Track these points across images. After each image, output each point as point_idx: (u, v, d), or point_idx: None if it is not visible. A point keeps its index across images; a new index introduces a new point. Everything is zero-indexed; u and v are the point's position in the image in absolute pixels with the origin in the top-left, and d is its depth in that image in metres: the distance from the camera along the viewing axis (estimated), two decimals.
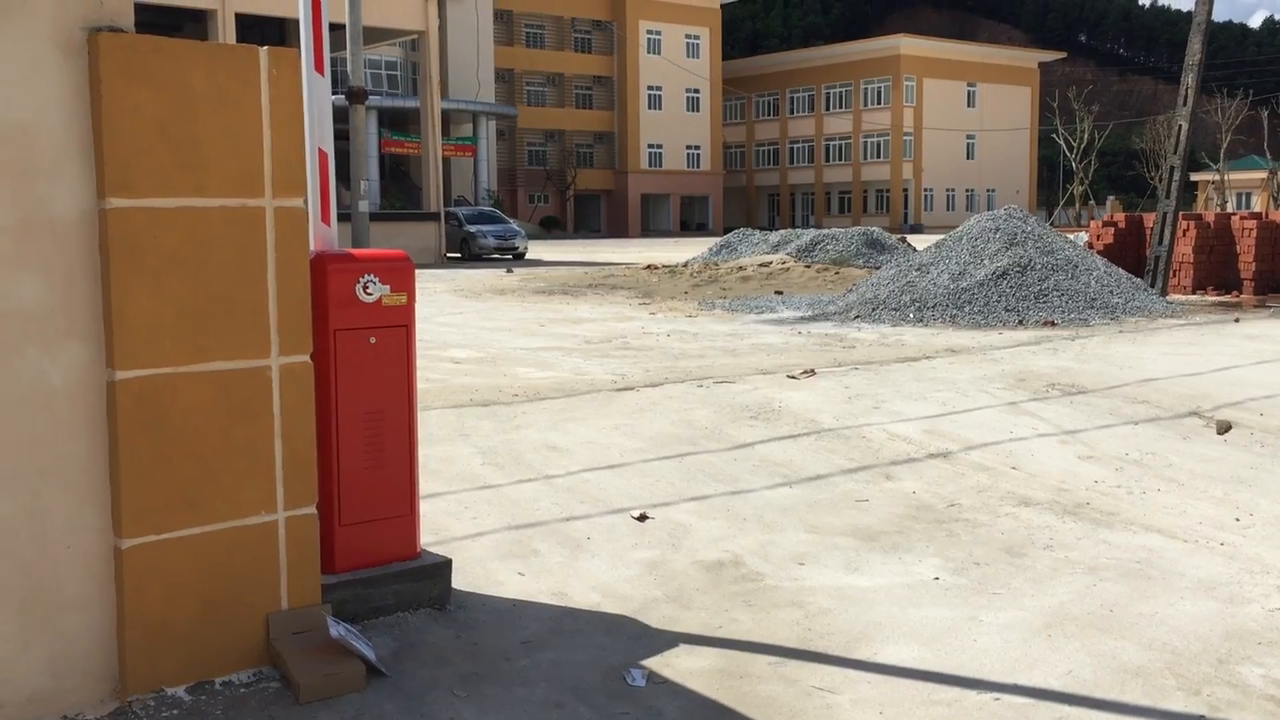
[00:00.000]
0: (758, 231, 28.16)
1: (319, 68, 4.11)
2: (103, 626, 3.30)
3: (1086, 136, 68.73)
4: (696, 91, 79.19)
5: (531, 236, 46.17)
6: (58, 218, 3.17)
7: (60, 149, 3.17)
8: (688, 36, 78.63)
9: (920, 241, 28.96)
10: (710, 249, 27.51)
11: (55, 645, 3.22)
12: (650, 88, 77.39)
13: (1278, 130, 63.35)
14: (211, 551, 3.43)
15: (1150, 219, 17.70)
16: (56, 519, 3.21)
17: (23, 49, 3.10)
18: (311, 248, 3.97)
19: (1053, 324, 12.99)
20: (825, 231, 26.06)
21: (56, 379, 3.19)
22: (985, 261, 14.66)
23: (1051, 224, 35.69)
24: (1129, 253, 18.20)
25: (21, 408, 3.14)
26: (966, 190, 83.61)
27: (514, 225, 38.97)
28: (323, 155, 4.19)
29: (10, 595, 3.15)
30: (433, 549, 4.36)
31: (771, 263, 23.01)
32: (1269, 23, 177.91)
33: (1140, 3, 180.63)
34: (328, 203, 4.21)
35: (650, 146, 77.83)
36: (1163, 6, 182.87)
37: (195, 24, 31.85)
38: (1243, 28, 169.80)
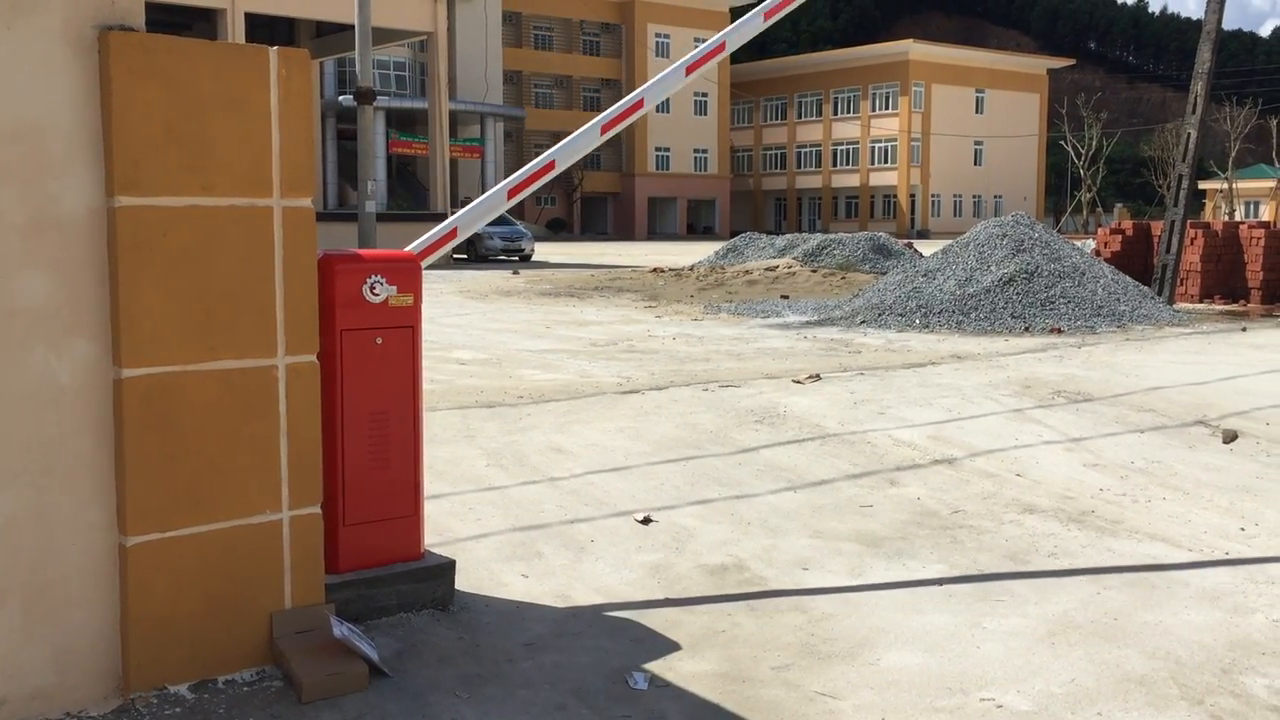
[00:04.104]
0: (764, 235, 28.19)
1: (604, 130, 5.20)
2: (106, 624, 3.30)
3: (1095, 143, 68.60)
4: (704, 95, 79.20)
5: (538, 238, 46.17)
6: (66, 216, 3.18)
7: (69, 147, 3.18)
8: (696, 40, 78.46)
9: (927, 247, 28.94)
10: (717, 252, 27.53)
11: (59, 642, 3.23)
12: None
13: None
14: (216, 550, 3.43)
15: (1158, 227, 17.66)
16: (62, 516, 3.21)
17: (34, 47, 3.11)
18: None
19: (1059, 331, 12.97)
20: (832, 236, 26.08)
21: (64, 377, 3.20)
22: (992, 268, 14.65)
23: (1059, 231, 35.63)
24: (1136, 260, 18.16)
25: (29, 405, 3.14)
26: (974, 196, 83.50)
27: (520, 227, 38.98)
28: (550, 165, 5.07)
29: (14, 591, 3.15)
30: (437, 550, 4.36)
31: (778, 267, 23.00)
32: (1278, 31, 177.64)
33: (1150, 10, 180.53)
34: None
35: (658, 149, 77.85)
36: (1172, 14, 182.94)
37: (205, 23, 31.90)
38: (1253, 36, 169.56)
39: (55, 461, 3.20)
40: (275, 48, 3.49)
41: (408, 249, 4.44)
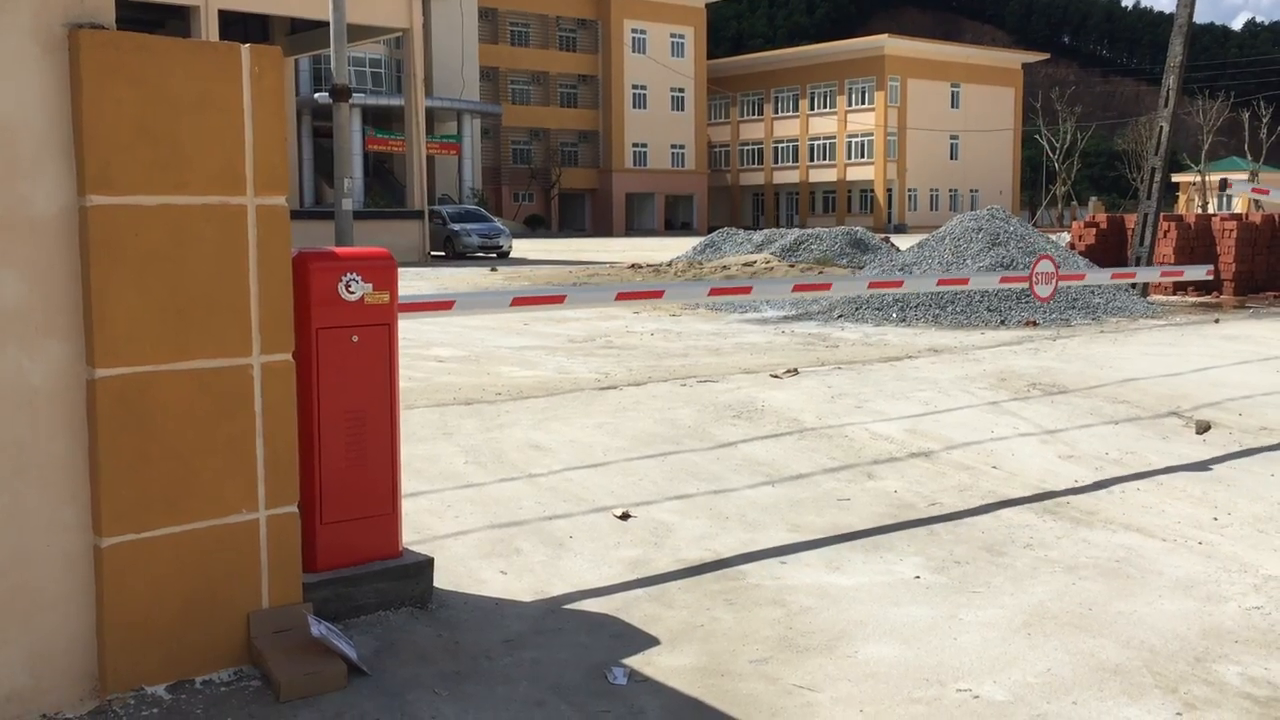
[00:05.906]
0: (742, 231, 28.16)
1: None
2: (82, 625, 3.29)
3: (1069, 137, 69.08)
4: (681, 91, 79.19)
5: (516, 235, 46.11)
6: (37, 215, 3.16)
7: (40, 146, 3.16)
8: (673, 35, 78.61)
9: (904, 241, 29.04)
10: (694, 248, 27.50)
11: (34, 644, 3.21)
12: (635, 86, 77.35)
13: (1258, 132, 63.76)
14: (192, 550, 3.42)
15: (1132, 220, 17.78)
16: (36, 518, 3.20)
17: (3, 45, 3.08)
18: None
19: (1034, 324, 13.05)
20: (809, 231, 26.08)
21: (36, 377, 3.18)
22: (968, 262, 14.72)
23: (1034, 224, 35.87)
24: (1111, 253, 18.28)
25: (1, 406, 3.12)
26: (950, 190, 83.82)
27: (498, 224, 38.94)
28: None
29: None
30: (415, 548, 4.35)
31: (755, 262, 23.03)
32: (1250, 25, 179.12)
33: (1123, 4, 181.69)
34: None
35: (635, 145, 77.79)
36: (1145, 8, 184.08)
37: (177, 20, 31.67)
38: (1224, 29, 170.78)
39: (29, 463, 3.18)
40: (248, 45, 3.47)
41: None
